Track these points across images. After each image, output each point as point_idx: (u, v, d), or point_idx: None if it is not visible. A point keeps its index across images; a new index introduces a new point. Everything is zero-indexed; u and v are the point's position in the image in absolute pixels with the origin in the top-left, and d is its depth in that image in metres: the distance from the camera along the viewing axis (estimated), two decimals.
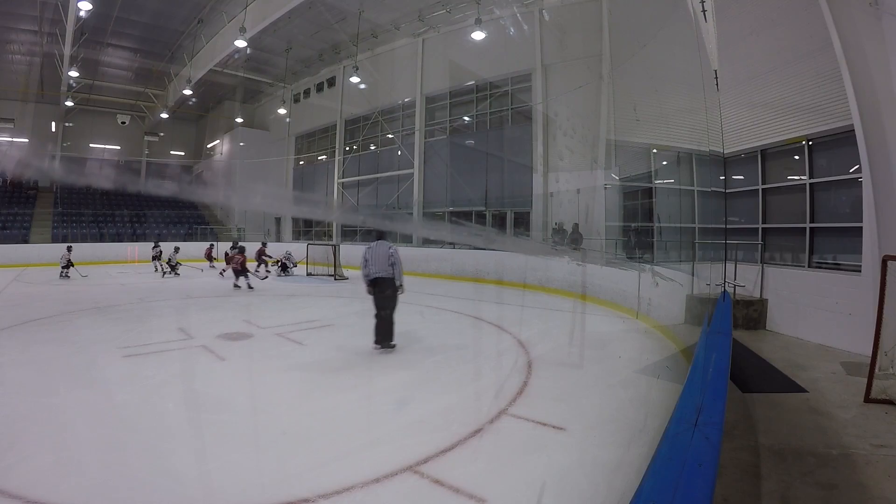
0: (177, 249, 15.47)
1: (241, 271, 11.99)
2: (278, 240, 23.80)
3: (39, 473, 2.99)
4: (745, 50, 7.89)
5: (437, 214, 17.50)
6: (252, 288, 11.90)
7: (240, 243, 14.55)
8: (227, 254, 14.52)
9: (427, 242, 17.20)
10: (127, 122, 26.48)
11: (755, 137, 7.95)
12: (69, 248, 14.83)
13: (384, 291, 6.15)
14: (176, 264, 15.02)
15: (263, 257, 15.28)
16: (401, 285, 6.24)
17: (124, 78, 23.22)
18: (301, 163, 24.87)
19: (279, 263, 15.47)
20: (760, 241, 7.99)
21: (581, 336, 7.54)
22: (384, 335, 6.19)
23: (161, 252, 16.68)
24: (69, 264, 14.30)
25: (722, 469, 3.05)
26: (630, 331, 7.51)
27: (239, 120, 25.41)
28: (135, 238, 21.49)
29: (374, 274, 6.19)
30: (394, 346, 6.23)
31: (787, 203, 7.72)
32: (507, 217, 15.60)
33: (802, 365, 5.57)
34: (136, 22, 17.75)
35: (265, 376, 5.20)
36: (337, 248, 15.06)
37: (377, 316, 6.20)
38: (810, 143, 7.12)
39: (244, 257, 12.40)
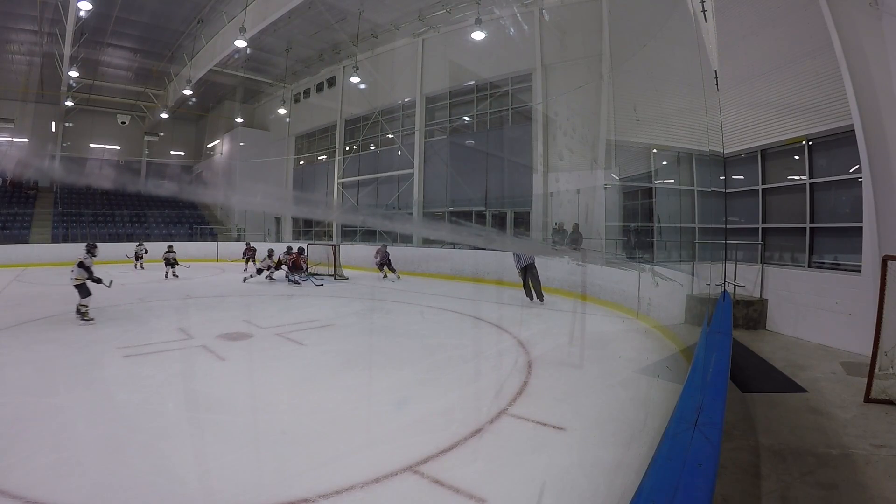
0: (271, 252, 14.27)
1: (295, 268, 13.18)
2: (278, 239, 23.81)
3: (39, 473, 2.99)
4: (745, 50, 7.89)
5: (437, 214, 17.50)
6: (299, 283, 13.09)
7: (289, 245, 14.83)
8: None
9: (427, 242, 17.20)
10: (127, 122, 26.47)
11: (755, 137, 7.95)
12: (170, 247, 14.83)
13: (532, 271, 10.02)
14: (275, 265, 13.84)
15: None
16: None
17: (124, 78, 23.22)
18: (301, 163, 24.87)
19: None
20: (760, 241, 7.99)
21: (581, 336, 7.54)
22: (541, 295, 10.00)
23: (146, 251, 16.77)
24: (172, 263, 14.44)
25: (722, 469, 3.05)
26: (630, 331, 7.51)
27: (239, 120, 25.40)
28: (135, 238, 21.48)
29: (525, 262, 10.00)
30: (543, 301, 9.93)
31: (787, 203, 7.72)
32: (507, 217, 15.60)
33: (802, 365, 5.57)
34: (136, 22, 17.74)
35: (265, 376, 5.21)
36: (337, 247, 15.06)
37: (532, 286, 9.99)
38: (810, 143, 7.12)
39: (297, 256, 13.31)
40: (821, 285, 6.75)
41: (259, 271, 13.85)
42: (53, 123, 24.71)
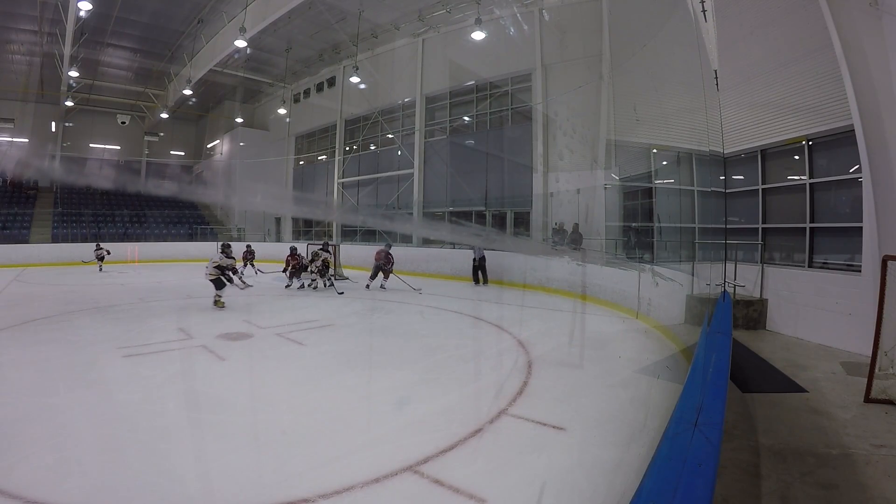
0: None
1: (295, 272, 12.41)
2: (278, 240, 23.81)
3: (39, 473, 2.99)
4: (745, 50, 7.89)
5: (437, 214, 17.49)
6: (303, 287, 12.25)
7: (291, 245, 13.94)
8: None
9: (427, 242, 17.19)
10: (127, 122, 26.45)
11: (755, 137, 7.96)
12: (249, 248, 13.70)
13: (483, 262, 13.18)
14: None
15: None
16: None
17: (124, 78, 23.20)
18: (301, 163, 24.87)
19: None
20: (760, 241, 7.99)
21: (581, 336, 7.54)
22: (486, 280, 13.18)
23: (108, 252, 16.18)
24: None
25: (722, 469, 3.05)
26: (630, 331, 7.51)
27: (239, 120, 25.39)
28: (135, 238, 21.50)
29: (478, 254, 13.20)
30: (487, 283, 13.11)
31: (787, 203, 7.72)
32: (507, 217, 15.60)
33: (802, 365, 5.57)
34: (136, 22, 17.73)
35: (265, 376, 5.21)
36: (337, 247, 15.06)
37: (482, 274, 13.24)
38: (810, 143, 7.12)
39: (298, 259, 12.66)
40: (821, 285, 6.75)
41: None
42: (53, 123, 24.69)
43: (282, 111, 22.97)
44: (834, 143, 6.77)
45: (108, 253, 16.46)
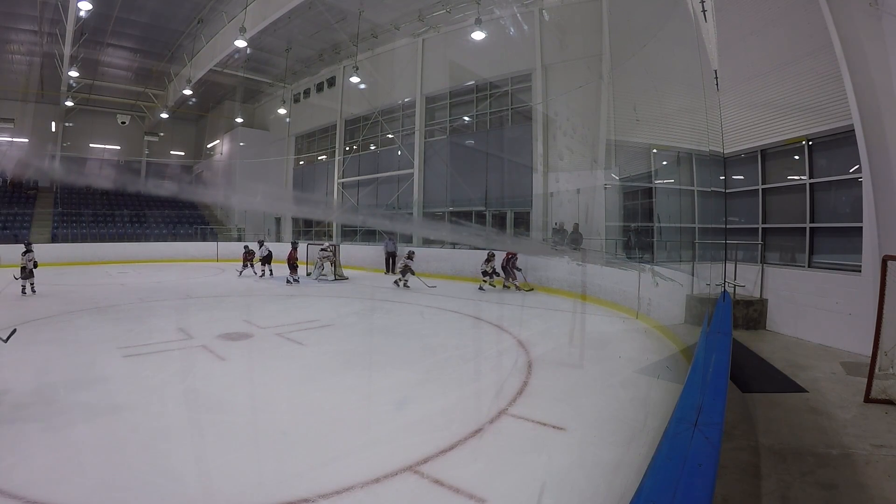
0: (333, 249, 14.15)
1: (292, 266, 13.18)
2: (278, 240, 23.79)
3: (39, 473, 2.99)
4: (745, 50, 7.89)
5: (437, 214, 17.49)
6: (297, 282, 13.06)
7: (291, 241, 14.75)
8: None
9: (427, 242, 17.19)
10: (127, 122, 26.43)
11: (755, 137, 7.95)
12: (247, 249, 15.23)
13: (394, 257, 13.26)
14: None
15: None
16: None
17: (124, 78, 23.19)
18: (301, 163, 24.86)
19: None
20: (760, 241, 7.99)
21: (581, 336, 7.54)
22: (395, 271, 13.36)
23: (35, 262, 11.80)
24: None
25: (722, 469, 3.05)
26: (630, 331, 7.51)
27: (239, 120, 25.38)
28: (135, 238, 21.48)
29: (391, 249, 13.18)
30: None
31: (787, 203, 7.71)
32: (507, 217, 15.60)
33: (802, 365, 5.57)
34: (136, 22, 17.73)
35: (265, 376, 5.20)
36: (337, 248, 15.06)
37: (394, 266, 13.59)
38: (810, 143, 7.12)
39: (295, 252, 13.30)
40: (821, 285, 6.75)
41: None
42: (53, 123, 24.66)
43: (282, 111, 22.96)
44: (834, 143, 6.76)
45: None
